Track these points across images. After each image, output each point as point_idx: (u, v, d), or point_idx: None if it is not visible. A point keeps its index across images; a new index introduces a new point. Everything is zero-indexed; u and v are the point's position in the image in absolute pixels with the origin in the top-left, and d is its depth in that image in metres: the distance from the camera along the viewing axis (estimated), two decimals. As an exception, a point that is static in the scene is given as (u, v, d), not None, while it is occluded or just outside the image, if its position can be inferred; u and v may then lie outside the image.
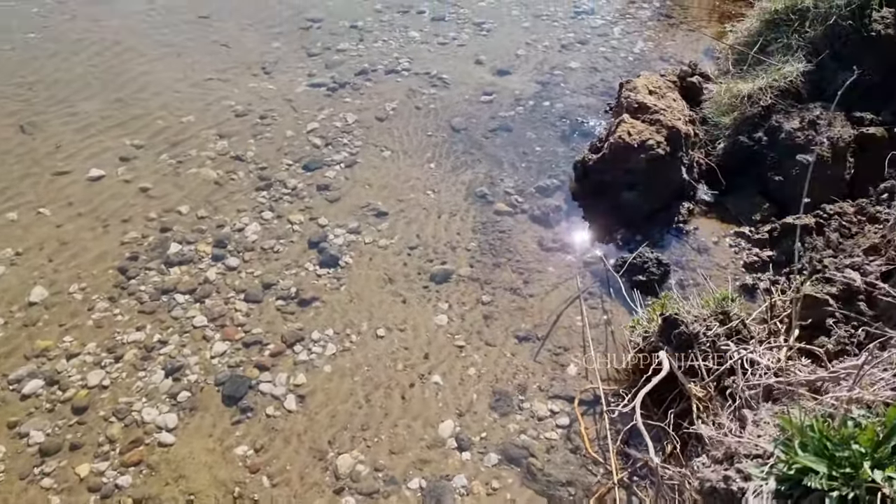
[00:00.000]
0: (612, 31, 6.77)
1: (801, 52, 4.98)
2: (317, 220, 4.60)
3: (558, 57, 6.34)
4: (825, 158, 4.54)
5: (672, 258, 4.37)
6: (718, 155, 4.95)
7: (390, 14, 6.83)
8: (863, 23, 4.97)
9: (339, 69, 6.04)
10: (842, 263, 4.04)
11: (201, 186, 4.82)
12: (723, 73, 5.45)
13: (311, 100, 5.68)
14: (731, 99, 5.00)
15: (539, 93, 5.87)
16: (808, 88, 4.92)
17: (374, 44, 6.40)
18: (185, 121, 5.39)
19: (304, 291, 4.11)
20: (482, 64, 6.22)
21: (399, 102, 5.70)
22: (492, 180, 4.97)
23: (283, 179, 4.89)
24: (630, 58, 6.40)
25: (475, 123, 5.51)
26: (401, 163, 5.11)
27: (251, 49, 6.26)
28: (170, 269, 4.22)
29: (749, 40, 5.36)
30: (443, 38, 6.54)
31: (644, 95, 4.85)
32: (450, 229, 4.58)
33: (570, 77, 6.08)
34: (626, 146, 4.54)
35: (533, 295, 4.14)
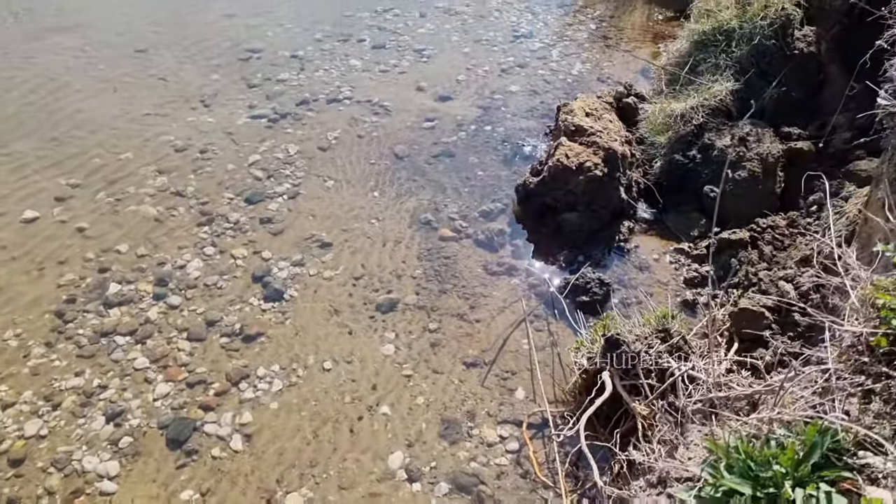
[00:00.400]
0: (550, 54, 6.90)
1: (729, 72, 5.14)
2: (260, 253, 4.56)
3: (498, 81, 6.44)
4: (756, 174, 4.68)
5: (614, 277, 4.45)
6: (656, 173, 5.07)
7: (331, 43, 6.85)
8: (786, 42, 5.17)
9: (279, 100, 6.02)
10: (776, 276, 4.16)
11: (141, 224, 4.74)
12: (657, 93, 5.59)
13: (252, 132, 5.65)
14: (666, 118, 5.13)
15: (480, 117, 5.94)
16: (737, 106, 5.08)
17: (315, 73, 6.40)
18: (122, 158, 5.30)
19: (248, 327, 4.06)
20: (423, 90, 6.27)
21: (341, 131, 5.71)
22: (436, 206, 5.00)
23: (224, 214, 4.84)
24: (569, 79, 6.52)
25: (418, 150, 5.54)
26: (344, 192, 5.11)
27: (190, 82, 6.20)
28: (109, 310, 4.13)
29: (680, 60, 5.51)
30: (384, 65, 6.58)
31: (581, 118, 4.94)
32: (395, 257, 4.58)
33: (511, 101, 6.16)
34: (565, 169, 4.61)
35: (479, 320, 4.17)
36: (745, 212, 4.69)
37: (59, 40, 6.62)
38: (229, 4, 7.39)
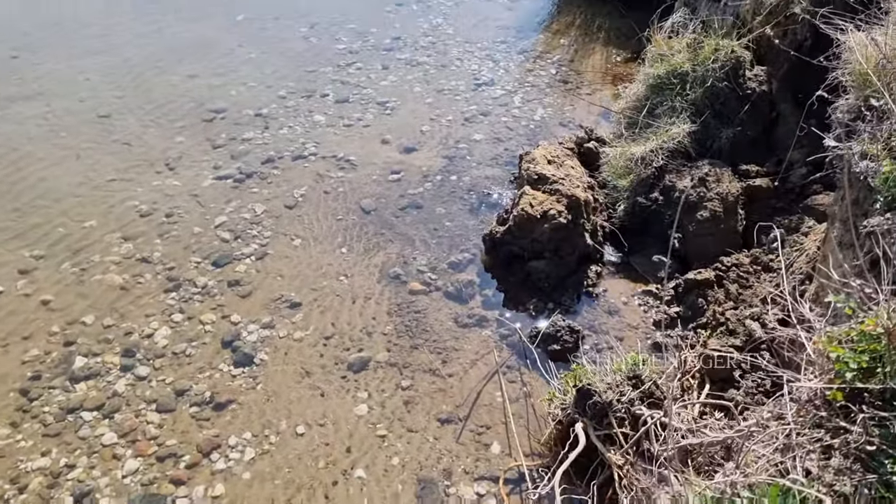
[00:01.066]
0: (512, 101, 7.00)
1: (686, 114, 5.26)
2: (229, 317, 4.52)
3: (462, 130, 6.51)
4: (718, 213, 4.76)
5: (584, 323, 4.47)
6: (620, 217, 5.14)
7: (295, 99, 6.90)
8: (737, 83, 5.31)
9: (245, 159, 6.04)
10: (742, 315, 4.21)
11: (106, 293, 4.69)
12: (617, 137, 5.69)
13: (218, 193, 5.64)
14: (627, 162, 5.22)
15: (446, 167, 5.99)
16: (695, 147, 5.18)
17: (279, 130, 6.44)
18: (87, 226, 5.26)
19: (218, 395, 4.01)
20: (388, 142, 6.32)
21: (307, 188, 5.72)
22: (404, 259, 5.01)
23: (192, 278, 4.81)
24: (531, 125, 6.62)
25: (385, 203, 5.57)
26: (312, 250, 5.10)
27: (154, 145, 6.20)
28: (75, 385, 4.06)
29: (638, 104, 5.62)
30: (348, 119, 6.63)
31: (543, 166, 5.01)
32: (365, 314, 4.57)
33: (475, 149, 6.23)
34: (530, 217, 4.66)
35: (452, 374, 4.15)
36: (710, 251, 4.76)
37: (21, 109, 6.59)
38: (192, 65, 7.42)
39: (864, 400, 1.89)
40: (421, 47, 7.98)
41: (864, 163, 3.13)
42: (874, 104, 3.25)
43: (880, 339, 1.93)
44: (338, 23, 8.43)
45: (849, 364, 1.91)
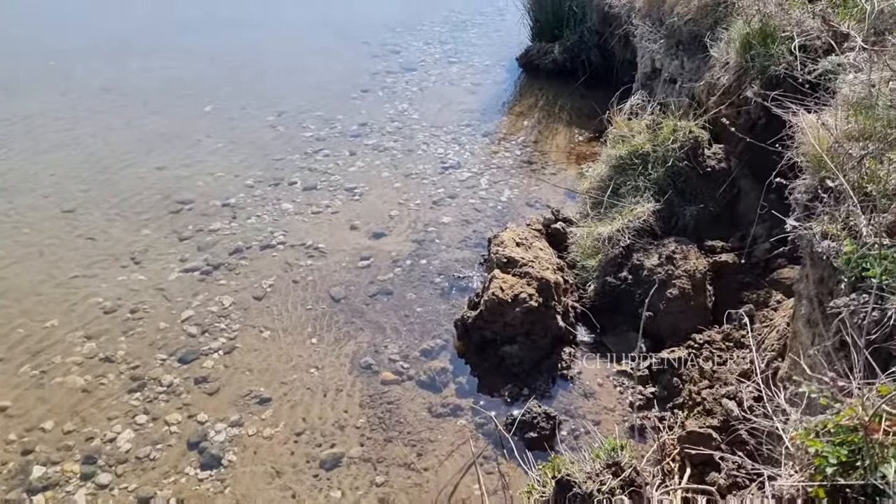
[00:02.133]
0: (479, 183, 7.09)
1: (649, 193, 5.35)
2: (195, 416, 4.38)
3: (430, 213, 6.55)
4: (687, 291, 4.78)
5: (560, 408, 4.40)
6: (591, 297, 5.15)
7: (262, 188, 6.91)
8: (697, 161, 5.43)
9: (212, 250, 5.98)
10: (718, 394, 4.18)
11: (67, 396, 4.53)
12: (583, 217, 5.75)
13: (185, 286, 5.56)
14: (594, 242, 5.26)
15: (415, 252, 5.99)
16: (661, 225, 5.25)
17: (247, 220, 6.41)
18: (48, 325, 5.12)
19: (185, 501, 3.84)
20: (357, 229, 6.32)
21: (276, 278, 5.67)
22: (376, 348, 4.93)
23: (157, 377, 4.67)
24: (499, 206, 6.68)
25: (354, 291, 5.52)
26: (281, 342, 5.01)
27: (119, 239, 6.13)
28: (33, 497, 3.86)
29: (602, 184, 5.71)
30: (316, 206, 6.64)
31: (512, 249, 5.03)
32: (337, 407, 4.46)
33: (444, 232, 6.26)
34: (501, 302, 4.64)
35: (428, 468, 4.03)
36: (682, 328, 4.76)
37: (-17, 206, 6.52)
38: (160, 157, 7.44)
39: (847, 497, 1.85)
40: (388, 132, 8.10)
41: (826, 243, 3.18)
42: (830, 185, 3.32)
43: (857, 430, 1.91)
44: (305, 111, 8.55)
45: (828, 459, 1.88)
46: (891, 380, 2.16)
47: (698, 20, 6.40)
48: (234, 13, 12.20)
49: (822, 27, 5.07)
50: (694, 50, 6.50)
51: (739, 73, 5.53)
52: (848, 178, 3.23)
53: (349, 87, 9.24)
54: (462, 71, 9.89)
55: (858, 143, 3.35)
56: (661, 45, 7.00)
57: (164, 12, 12.18)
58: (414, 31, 11.29)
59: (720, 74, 5.73)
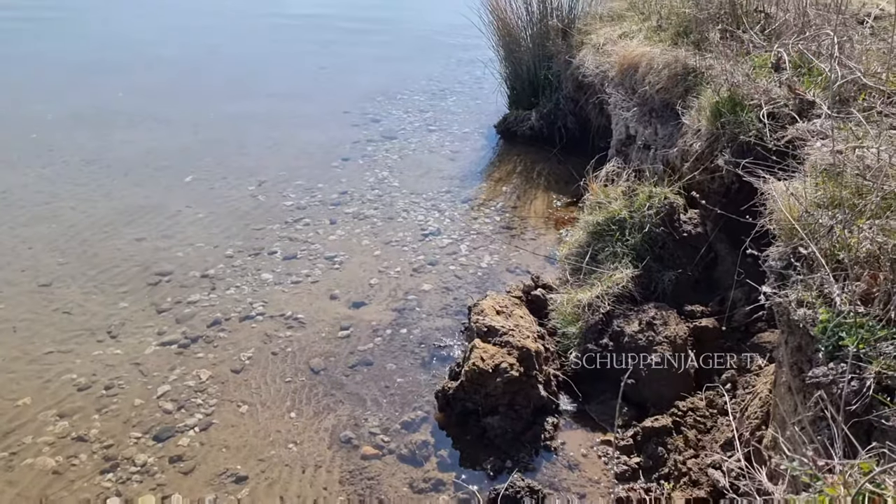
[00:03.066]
0: (459, 249, 7.11)
1: (627, 259, 5.39)
2: (169, 498, 4.24)
3: (411, 281, 6.54)
4: (668, 357, 4.77)
5: (545, 480, 4.31)
6: (573, 365, 5.11)
7: (242, 258, 6.88)
8: (673, 227, 5.50)
9: (190, 323, 5.91)
10: (704, 463, 4.12)
11: (38, 479, 4.38)
12: (563, 283, 5.76)
13: (162, 360, 5.47)
14: (574, 308, 5.26)
15: (396, 320, 5.95)
16: (640, 290, 5.27)
17: (226, 291, 6.37)
18: (20, 404, 5.00)
19: (156, 589, 3.69)
20: (337, 298, 6.29)
21: (255, 350, 5.59)
22: (356, 421, 4.85)
23: (130, 456, 4.54)
24: (479, 273, 6.69)
25: (334, 362, 5.46)
26: (259, 417, 4.91)
27: (96, 313, 6.05)
28: (-4, 589, 3.70)
29: (580, 250, 5.75)
30: (296, 276, 6.61)
31: (492, 318, 5.01)
32: (316, 484, 4.34)
33: (425, 300, 6.24)
34: (481, 372, 4.59)
35: (409, 548, 3.92)
36: (665, 395, 4.73)
37: (-43, 282, 6.43)
38: (139, 229, 7.41)
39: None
40: (368, 200, 8.15)
41: (802, 310, 3.19)
42: (803, 252, 3.36)
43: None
44: (285, 180, 8.61)
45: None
46: (872, 456, 2.14)
47: (669, 89, 6.57)
48: (220, 84, 12.38)
49: (788, 95, 5.22)
50: (666, 117, 6.65)
51: (711, 140, 5.65)
52: (820, 246, 3.27)
53: (330, 156, 9.33)
54: (441, 138, 10.03)
55: (828, 212, 3.40)
56: (634, 112, 7.17)
57: (151, 84, 12.34)
58: (394, 100, 11.49)
59: (693, 141, 5.85)
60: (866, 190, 3.48)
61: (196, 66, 13.17)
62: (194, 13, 16.65)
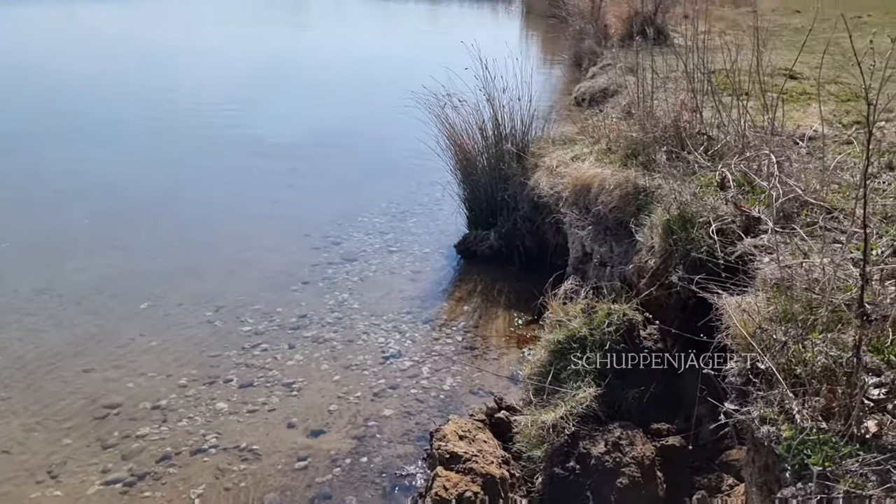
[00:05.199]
0: (421, 371, 6.99)
1: (590, 377, 5.31)
2: None
3: (371, 406, 6.36)
4: (636, 479, 4.63)
5: None
6: (539, 490, 4.93)
7: (196, 388, 6.65)
8: (634, 343, 5.49)
9: (138, 458, 5.61)
10: None
11: None
12: (527, 404, 5.64)
13: (105, 501, 5.14)
14: (539, 431, 5.12)
15: (356, 449, 5.74)
16: (604, 409, 5.18)
17: (178, 423, 6.10)
18: (-56, 556, 4.61)
19: None
20: (294, 426, 6.07)
21: (206, 486, 5.30)
22: (312, 563, 4.56)
23: None
24: (441, 396, 6.55)
25: (290, 496, 5.19)
26: (208, 561, 4.59)
27: (37, 451, 5.71)
28: None
29: (542, 370, 5.67)
30: (252, 404, 6.39)
31: (455, 443, 4.85)
32: None
33: (385, 426, 6.04)
34: (444, 502, 4.39)
35: None
36: (635, 520, 4.55)
37: None
38: (89, 359, 7.16)
39: None
40: (327, 324, 8.04)
41: (765, 428, 3.14)
42: (761, 368, 3.35)
43: None
44: (243, 304, 8.48)
45: None
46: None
47: (622, 207, 6.76)
48: (180, 209, 12.39)
49: (735, 212, 5.39)
50: (621, 235, 6.80)
51: (665, 257, 5.76)
52: (776, 361, 3.26)
53: (289, 280, 9.26)
54: (402, 259, 10.08)
55: (781, 326, 3.43)
56: (589, 231, 7.32)
57: (108, 209, 12.30)
58: (355, 222, 11.60)
59: (647, 258, 5.96)
60: (816, 303, 3.53)
61: (156, 190, 13.20)
62: (156, 134, 16.94)
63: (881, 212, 5.02)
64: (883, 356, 3.14)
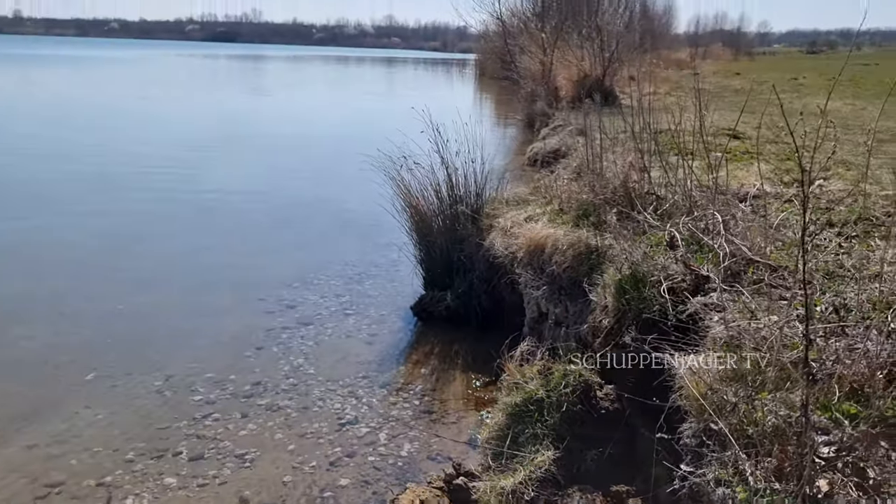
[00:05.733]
0: (378, 438, 6.85)
1: (548, 440, 5.28)
2: None
3: (327, 476, 6.19)
4: (597, 545, 4.56)
5: None
6: (499, 560, 4.81)
7: (143, 462, 6.39)
8: (591, 404, 5.48)
9: (80, 540, 5.34)
10: None
11: None
12: (486, 469, 5.56)
13: (42, 588, 4.85)
14: (498, 497, 5.03)
15: (311, 522, 5.56)
16: (563, 473, 5.12)
17: (123, 501, 5.84)
18: None
19: None
20: (247, 500, 5.86)
21: (152, 568, 5.06)
22: None
23: None
24: (399, 463, 6.41)
25: (242, 576, 4.97)
26: None
27: (-29, 536, 5.41)
28: None
29: (501, 433, 5.61)
30: (202, 478, 6.16)
31: (412, 514, 4.73)
32: None
33: (342, 497, 5.88)
34: (402, 577, 4.26)
35: None
36: (598, 589, 4.46)
37: None
38: (30, 435, 6.84)
39: None
40: (282, 390, 7.87)
41: (721, 489, 3.13)
42: (714, 429, 3.36)
43: None
44: (195, 373, 8.26)
45: None
46: None
47: (575, 267, 6.84)
48: (130, 274, 12.13)
49: (684, 271, 5.48)
50: (575, 295, 6.86)
51: (618, 316, 5.81)
52: (728, 421, 3.28)
53: (243, 345, 9.08)
54: (358, 322, 9.99)
55: (732, 387, 3.46)
56: (544, 291, 7.37)
57: (54, 273, 11.99)
58: (310, 285, 11.50)
59: (601, 317, 6.01)
60: (765, 362, 3.58)
61: (105, 254, 12.95)
62: (106, 195, 16.74)
63: (823, 268, 5.16)
64: (830, 414, 3.19)
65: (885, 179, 7.96)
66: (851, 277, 4.90)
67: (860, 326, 3.90)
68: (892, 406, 3.22)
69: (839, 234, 6.01)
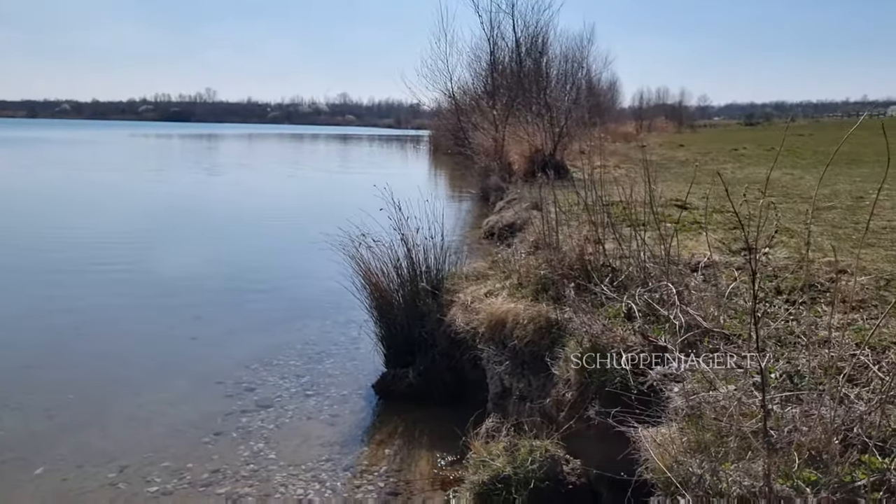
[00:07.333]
0: (342, 524, 6.67)
1: (517, 518, 5.22)
2: None
3: (291, 567, 5.98)
4: None
5: None
6: None
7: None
8: (558, 479, 5.46)
9: None
10: None
11: None
12: (455, 552, 5.46)
13: None
14: (468, 581, 4.94)
15: None
16: (534, 553, 5.06)
17: None
18: None
19: None
20: None
21: None
22: None
23: None
24: (365, 549, 6.24)
25: None
26: None
27: None
28: None
29: (469, 516, 5.54)
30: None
31: None
32: None
33: (307, 588, 5.67)
34: None
35: None
36: None
37: None
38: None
39: None
40: (242, 477, 7.64)
41: (693, 565, 3.14)
42: (682, 502, 3.39)
43: None
44: (150, 462, 7.98)
45: None
46: None
47: (536, 341, 6.90)
48: (79, 360, 11.79)
49: (643, 342, 5.59)
50: (538, 368, 6.90)
51: (581, 389, 5.86)
52: (695, 493, 3.32)
53: (200, 431, 8.83)
54: (319, 403, 9.83)
55: (696, 458, 3.51)
56: (506, 366, 7.40)
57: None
58: (269, 366, 11.31)
59: (564, 391, 6.04)
60: (726, 432, 3.65)
61: (52, 341, 12.58)
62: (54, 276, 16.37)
63: (774, 335, 5.32)
64: (792, 482, 3.25)
65: (826, 246, 8.30)
66: (802, 344, 5.06)
67: (814, 392, 4.01)
68: (849, 472, 3.30)
69: (787, 301, 6.21)
